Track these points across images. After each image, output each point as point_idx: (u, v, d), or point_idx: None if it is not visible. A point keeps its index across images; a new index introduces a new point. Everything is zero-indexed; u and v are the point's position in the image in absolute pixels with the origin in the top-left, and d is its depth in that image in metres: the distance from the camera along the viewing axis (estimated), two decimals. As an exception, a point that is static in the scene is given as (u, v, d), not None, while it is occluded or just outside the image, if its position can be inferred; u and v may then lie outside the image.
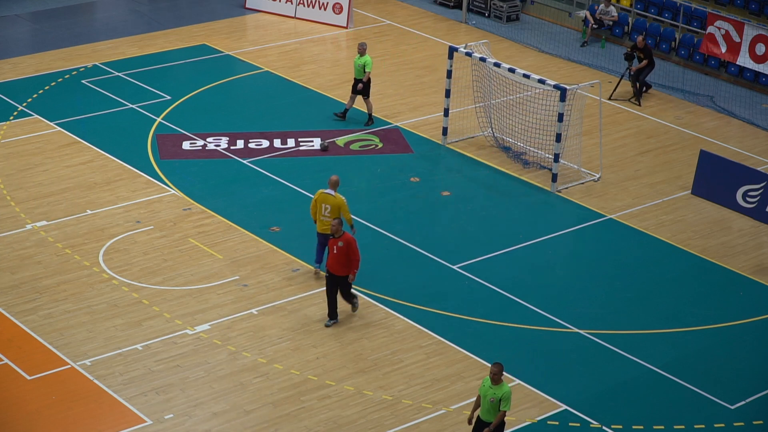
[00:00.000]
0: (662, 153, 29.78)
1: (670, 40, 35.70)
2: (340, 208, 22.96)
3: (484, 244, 25.22)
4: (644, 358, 21.71)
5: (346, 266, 21.82)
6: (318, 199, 23.14)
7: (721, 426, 20.13)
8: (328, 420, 19.76)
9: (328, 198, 23.06)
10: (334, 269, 21.87)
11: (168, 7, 38.09)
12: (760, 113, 32.35)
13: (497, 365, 18.05)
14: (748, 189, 26.90)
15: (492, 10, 38.43)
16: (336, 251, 21.72)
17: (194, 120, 30.25)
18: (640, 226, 26.23)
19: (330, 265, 21.86)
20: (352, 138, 29.68)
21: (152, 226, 25.25)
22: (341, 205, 22.96)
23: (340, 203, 22.96)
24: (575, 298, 23.49)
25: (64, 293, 22.79)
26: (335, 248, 21.71)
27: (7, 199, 26.14)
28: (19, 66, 33.20)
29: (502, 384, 18.11)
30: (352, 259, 21.79)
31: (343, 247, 21.66)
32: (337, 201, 22.98)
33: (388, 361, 21.32)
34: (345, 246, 21.66)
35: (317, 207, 23.17)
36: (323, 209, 23.06)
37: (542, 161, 28.71)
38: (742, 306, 23.55)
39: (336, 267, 21.83)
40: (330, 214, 22.97)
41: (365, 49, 29.98)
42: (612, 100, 32.49)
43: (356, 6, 38.30)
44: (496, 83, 29.56)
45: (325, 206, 23.06)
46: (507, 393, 18.10)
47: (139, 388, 20.26)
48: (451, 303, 23.06)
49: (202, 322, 22.11)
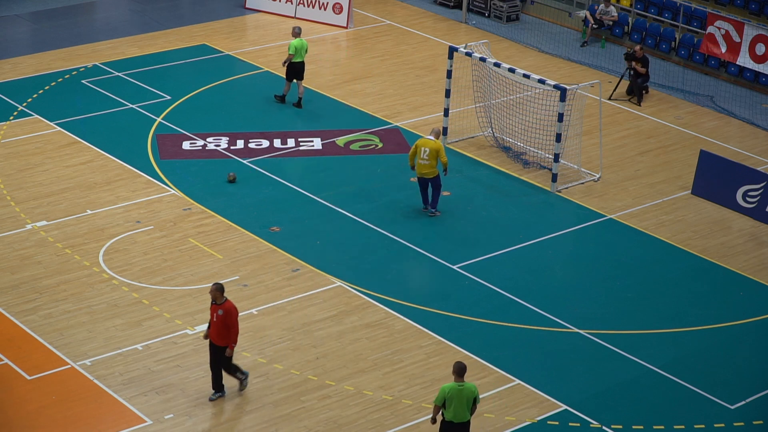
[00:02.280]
0: (662, 153, 29.78)
1: (670, 40, 35.70)
2: (438, 150, 25.33)
3: (484, 244, 25.23)
4: (644, 358, 21.72)
5: (226, 337, 19.67)
6: (418, 144, 25.53)
7: (721, 426, 20.13)
8: (328, 420, 19.76)
9: (428, 142, 25.44)
10: (213, 338, 19.78)
11: (168, 7, 38.09)
12: (760, 113, 32.35)
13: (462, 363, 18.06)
14: (748, 189, 26.90)
15: (492, 10, 38.44)
16: (215, 319, 19.59)
17: (194, 120, 30.25)
18: (640, 226, 26.24)
19: (210, 334, 19.86)
20: (352, 138, 29.69)
21: (152, 226, 25.25)
22: (439, 148, 25.36)
23: (438, 146, 25.35)
24: (575, 298, 23.50)
25: (64, 293, 22.79)
26: (215, 316, 19.60)
27: (7, 199, 26.14)
28: (19, 66, 33.21)
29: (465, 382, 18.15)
30: (230, 329, 19.62)
31: (222, 316, 19.50)
32: (436, 144, 25.37)
33: (388, 361, 21.32)
34: (224, 315, 19.50)
35: (417, 151, 25.51)
36: (422, 152, 25.41)
37: (542, 161, 28.71)
38: (742, 306, 23.55)
39: (215, 336, 19.72)
40: (428, 156, 25.39)
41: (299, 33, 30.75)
42: (612, 100, 32.50)
43: (356, 6, 38.31)
44: (496, 83, 29.56)
45: (424, 149, 25.40)
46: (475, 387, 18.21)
47: (139, 388, 20.26)
48: (451, 303, 23.06)
49: (202, 322, 22.10)
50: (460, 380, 18.00)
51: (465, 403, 18.03)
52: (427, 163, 25.46)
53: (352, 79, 33.24)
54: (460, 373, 17.97)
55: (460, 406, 18.03)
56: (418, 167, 25.66)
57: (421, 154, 25.43)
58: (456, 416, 18.09)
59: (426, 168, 25.55)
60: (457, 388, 17.99)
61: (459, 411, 18.05)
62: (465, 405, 18.05)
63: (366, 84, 32.92)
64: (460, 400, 17.99)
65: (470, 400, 18.07)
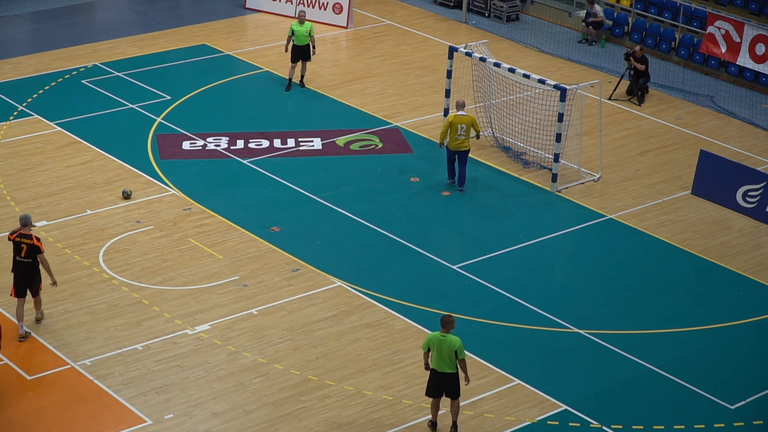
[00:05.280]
0: (662, 153, 29.78)
1: (670, 40, 35.70)
2: (473, 122, 26.69)
3: (484, 244, 25.23)
4: (644, 358, 21.72)
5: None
6: (453, 122, 26.51)
7: (721, 426, 20.13)
8: (328, 420, 19.76)
9: (462, 118, 26.54)
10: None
11: (168, 7, 38.10)
12: (760, 113, 32.35)
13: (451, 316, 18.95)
14: (748, 189, 26.90)
15: (492, 10, 38.44)
16: None
17: (194, 120, 30.25)
18: (640, 226, 26.24)
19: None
20: (352, 138, 29.69)
21: (152, 226, 25.25)
22: (473, 121, 26.75)
23: (472, 119, 26.73)
24: (575, 298, 23.50)
25: (64, 293, 22.79)
26: None
27: (7, 199, 26.14)
28: (19, 66, 33.21)
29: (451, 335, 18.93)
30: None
31: None
32: (471, 118, 26.70)
33: (388, 361, 21.32)
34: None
35: (453, 128, 26.53)
36: (459, 129, 26.52)
37: (542, 161, 28.71)
38: (742, 306, 23.54)
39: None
40: (465, 132, 26.58)
41: (299, 16, 31.93)
42: (612, 100, 32.50)
43: (356, 6, 38.31)
44: (496, 83, 29.57)
45: (461, 126, 26.54)
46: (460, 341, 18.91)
47: (139, 388, 20.27)
48: (451, 303, 23.06)
49: (202, 322, 22.11)
50: (444, 331, 18.85)
51: (446, 354, 18.87)
52: (464, 138, 26.65)
53: (352, 79, 33.24)
54: (444, 325, 18.87)
55: (440, 356, 18.89)
56: (455, 143, 26.67)
57: (459, 131, 26.49)
58: (438, 365, 18.98)
59: (465, 142, 26.73)
60: (440, 337, 18.86)
61: (440, 361, 18.94)
62: (446, 356, 18.88)
63: (366, 84, 32.93)
64: (440, 351, 18.86)
65: (451, 353, 18.85)
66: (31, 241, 20.89)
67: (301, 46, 31.77)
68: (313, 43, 31.96)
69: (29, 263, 21.01)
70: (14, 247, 21.03)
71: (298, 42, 31.67)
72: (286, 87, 32.14)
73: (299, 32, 31.59)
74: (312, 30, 31.90)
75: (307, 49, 31.88)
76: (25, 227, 20.96)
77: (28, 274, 21.07)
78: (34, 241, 20.93)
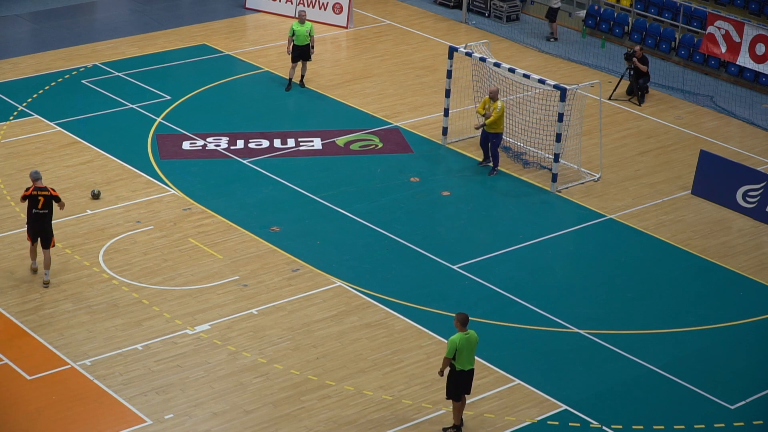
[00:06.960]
0: (662, 153, 29.78)
1: (670, 40, 35.70)
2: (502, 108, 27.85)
3: (484, 244, 25.23)
4: (644, 358, 21.72)
5: None
6: (486, 100, 27.78)
7: (721, 426, 20.13)
8: (328, 420, 19.76)
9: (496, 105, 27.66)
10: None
11: (168, 7, 38.09)
12: (760, 113, 32.35)
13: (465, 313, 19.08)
14: (748, 189, 26.90)
15: (492, 10, 38.44)
16: None
17: (194, 120, 30.25)
18: (640, 226, 26.24)
19: None
20: (352, 138, 29.69)
21: (152, 226, 25.25)
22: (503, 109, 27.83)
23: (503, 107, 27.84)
24: (575, 298, 23.50)
25: (64, 293, 22.79)
26: None
27: (7, 199, 26.14)
28: (19, 66, 33.21)
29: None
30: None
31: None
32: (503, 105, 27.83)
33: (388, 361, 21.32)
34: None
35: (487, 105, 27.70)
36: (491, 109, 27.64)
37: (542, 161, 28.71)
38: (742, 306, 23.54)
39: None
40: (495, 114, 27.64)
41: (299, 16, 32.03)
42: (612, 100, 32.50)
43: (356, 6, 38.31)
44: (496, 83, 29.56)
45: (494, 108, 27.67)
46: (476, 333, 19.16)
47: (139, 388, 20.27)
48: (451, 303, 23.06)
49: (202, 322, 22.11)
50: (464, 329, 18.87)
51: (473, 349, 19.01)
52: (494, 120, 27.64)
53: (352, 79, 33.24)
54: (464, 323, 18.87)
55: (470, 353, 19.01)
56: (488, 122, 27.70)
57: (490, 110, 27.57)
58: (468, 364, 19.02)
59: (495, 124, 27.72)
60: (465, 337, 18.89)
61: (469, 358, 19.02)
62: (473, 351, 19.04)
63: (366, 84, 32.93)
64: (469, 349, 18.99)
65: (475, 346, 19.03)
66: (48, 192, 22.61)
67: (301, 46, 31.79)
68: (312, 43, 32.00)
69: (45, 214, 22.69)
70: (30, 202, 22.68)
71: (298, 42, 31.70)
72: (286, 87, 32.17)
73: (300, 32, 31.61)
74: (312, 30, 31.93)
75: (307, 49, 31.91)
76: (37, 181, 22.67)
77: (44, 226, 22.76)
78: (51, 191, 22.64)
